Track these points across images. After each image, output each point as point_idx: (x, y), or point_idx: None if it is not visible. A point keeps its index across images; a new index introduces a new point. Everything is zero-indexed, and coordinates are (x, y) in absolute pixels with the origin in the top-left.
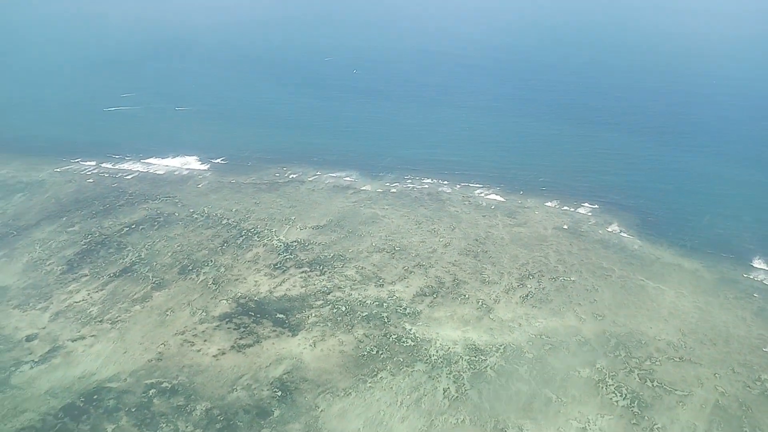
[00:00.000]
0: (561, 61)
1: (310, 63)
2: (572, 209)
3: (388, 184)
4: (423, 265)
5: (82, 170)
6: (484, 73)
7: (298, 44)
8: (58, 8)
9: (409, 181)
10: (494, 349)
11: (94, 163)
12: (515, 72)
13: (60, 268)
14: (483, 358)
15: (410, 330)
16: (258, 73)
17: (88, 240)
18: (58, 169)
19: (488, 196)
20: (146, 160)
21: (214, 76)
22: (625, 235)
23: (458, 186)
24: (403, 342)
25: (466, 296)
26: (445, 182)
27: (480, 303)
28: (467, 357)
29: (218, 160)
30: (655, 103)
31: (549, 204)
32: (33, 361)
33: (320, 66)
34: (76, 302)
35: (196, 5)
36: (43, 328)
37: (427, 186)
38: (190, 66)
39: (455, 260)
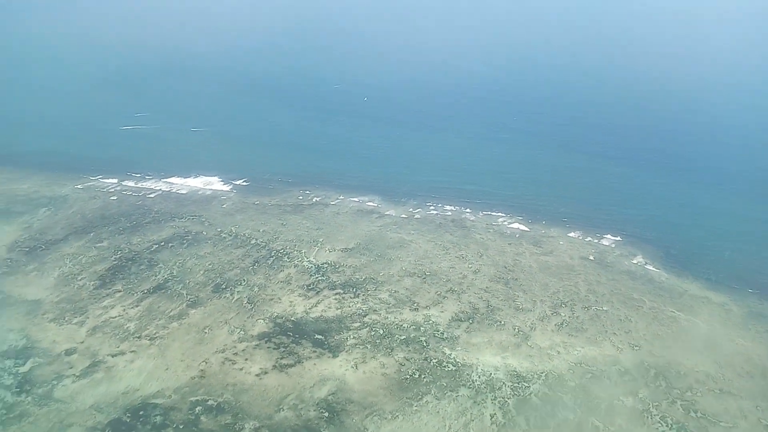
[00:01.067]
0: (566, 98)
1: (318, 90)
2: (595, 240)
3: (411, 209)
4: (455, 291)
5: (104, 187)
6: (491, 106)
7: (305, 72)
8: (66, 28)
9: (432, 207)
10: (536, 376)
11: (115, 180)
12: (522, 106)
13: (92, 283)
14: (526, 384)
15: (450, 355)
16: (268, 98)
17: (118, 256)
18: (79, 186)
19: (511, 225)
20: (167, 179)
21: (225, 99)
22: (651, 267)
23: (481, 214)
24: (445, 366)
25: (502, 323)
26: (468, 210)
27: (516, 330)
28: (510, 383)
29: (240, 182)
30: (662, 140)
31: (572, 234)
32: (74, 375)
33: (329, 93)
34: (112, 317)
35: (200, 30)
36: (81, 342)
37: (449, 213)
38: (200, 88)
39: (486, 287)
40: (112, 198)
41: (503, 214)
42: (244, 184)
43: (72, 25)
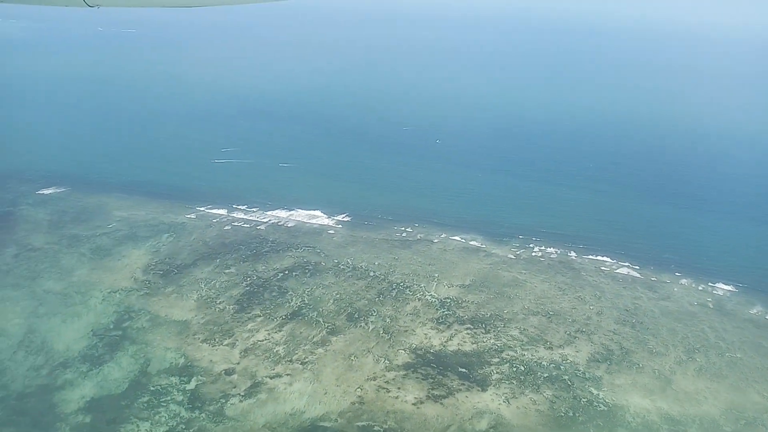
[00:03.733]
0: (642, 145)
1: (390, 131)
2: (709, 288)
3: (515, 249)
4: (584, 331)
5: (215, 217)
6: (571, 153)
7: (378, 113)
8: (159, 69)
9: (535, 248)
10: (690, 420)
11: (224, 211)
12: (598, 153)
13: (232, 307)
14: (683, 428)
15: (598, 395)
16: (345, 137)
17: (248, 282)
18: (191, 215)
19: (619, 270)
20: (272, 212)
21: (304, 137)
22: None
23: (586, 257)
24: (596, 406)
25: (640, 365)
26: (572, 253)
27: (657, 373)
28: (666, 427)
29: (341, 216)
30: (758, 192)
31: (683, 281)
32: (240, 394)
33: (400, 134)
34: (260, 341)
35: (277, 74)
36: (237, 363)
37: (554, 255)
38: (279, 126)
39: (614, 329)
40: (226, 227)
41: (609, 259)
42: (347, 219)
43: (165, 66)
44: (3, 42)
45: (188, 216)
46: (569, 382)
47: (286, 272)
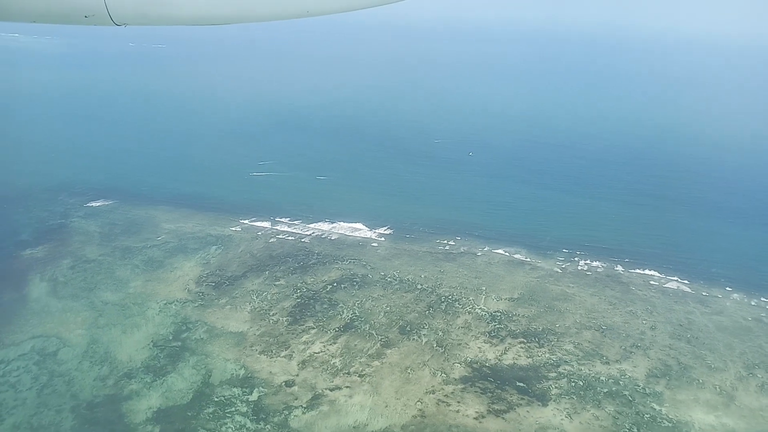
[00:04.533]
0: (682, 157)
1: (422, 143)
2: (762, 303)
3: (560, 263)
4: (639, 346)
5: (260, 230)
6: (607, 165)
7: (407, 125)
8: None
9: (581, 262)
10: None
11: (268, 224)
12: (636, 165)
13: (285, 319)
14: None
15: (660, 411)
16: (378, 150)
17: (298, 294)
18: (236, 227)
19: (668, 284)
20: (315, 225)
21: (338, 150)
22: None
23: (633, 271)
24: (660, 422)
25: (701, 381)
26: (619, 267)
27: (718, 389)
28: None
29: (383, 229)
30: None
31: (735, 296)
32: (302, 406)
33: (432, 147)
34: (316, 353)
35: (309, 87)
36: (296, 375)
37: (601, 269)
38: (313, 140)
39: (669, 344)
40: (271, 240)
41: (657, 273)
42: (388, 231)
43: (197, 80)
44: (40, 58)
45: (233, 228)
46: (630, 398)
47: (335, 284)
